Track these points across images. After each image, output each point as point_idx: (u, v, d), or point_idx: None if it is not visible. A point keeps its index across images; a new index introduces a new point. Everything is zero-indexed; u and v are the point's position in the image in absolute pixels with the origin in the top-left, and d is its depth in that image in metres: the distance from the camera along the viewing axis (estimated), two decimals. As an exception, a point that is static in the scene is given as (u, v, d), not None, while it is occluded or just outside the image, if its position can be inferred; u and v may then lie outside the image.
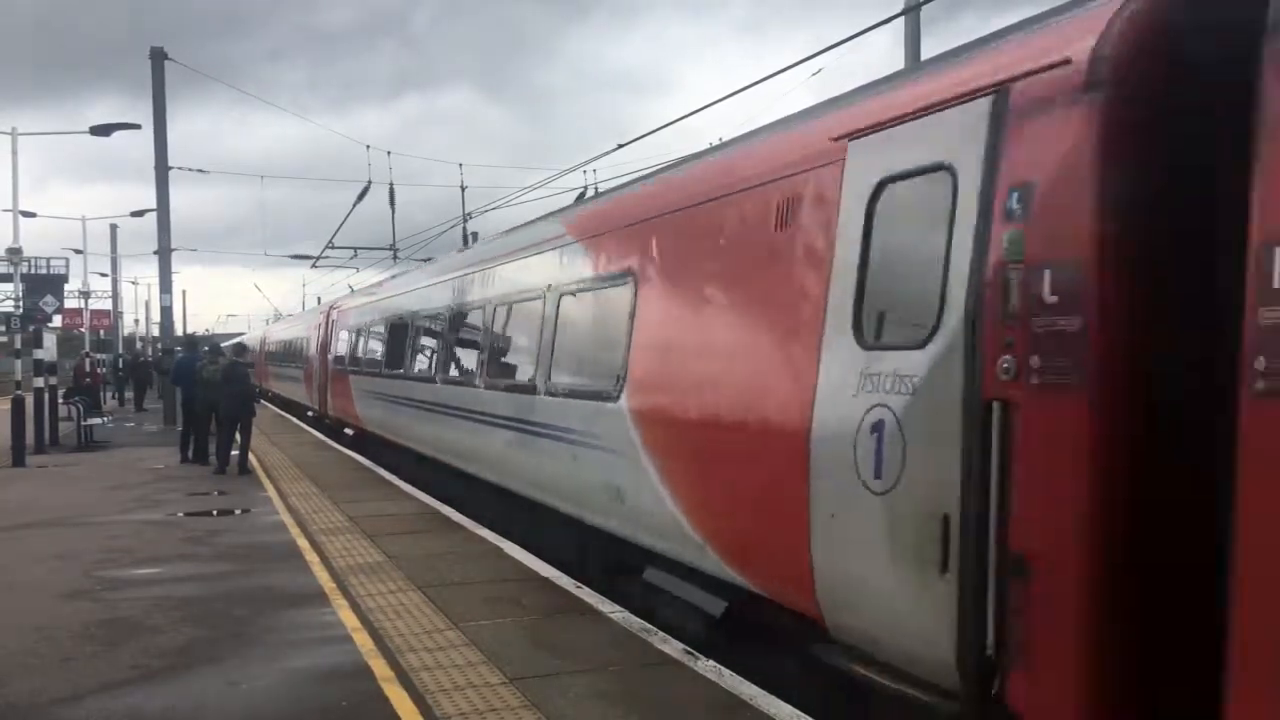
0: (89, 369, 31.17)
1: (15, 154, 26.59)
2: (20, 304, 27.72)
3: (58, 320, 49.43)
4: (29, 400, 19.53)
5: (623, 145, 14.80)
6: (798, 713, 5.33)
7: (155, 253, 27.78)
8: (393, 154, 28.22)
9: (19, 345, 22.96)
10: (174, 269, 27.96)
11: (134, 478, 15.92)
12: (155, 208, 26.85)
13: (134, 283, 73.48)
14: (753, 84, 9.62)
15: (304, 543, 10.19)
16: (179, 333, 35.85)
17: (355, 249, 31.83)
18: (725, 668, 6.05)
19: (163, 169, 25.97)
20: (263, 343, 44.97)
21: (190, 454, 17.79)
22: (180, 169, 28.05)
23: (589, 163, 28.92)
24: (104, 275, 58.30)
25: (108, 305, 60.76)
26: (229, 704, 5.62)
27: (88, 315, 51.74)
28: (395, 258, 30.45)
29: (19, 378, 20.94)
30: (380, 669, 6.12)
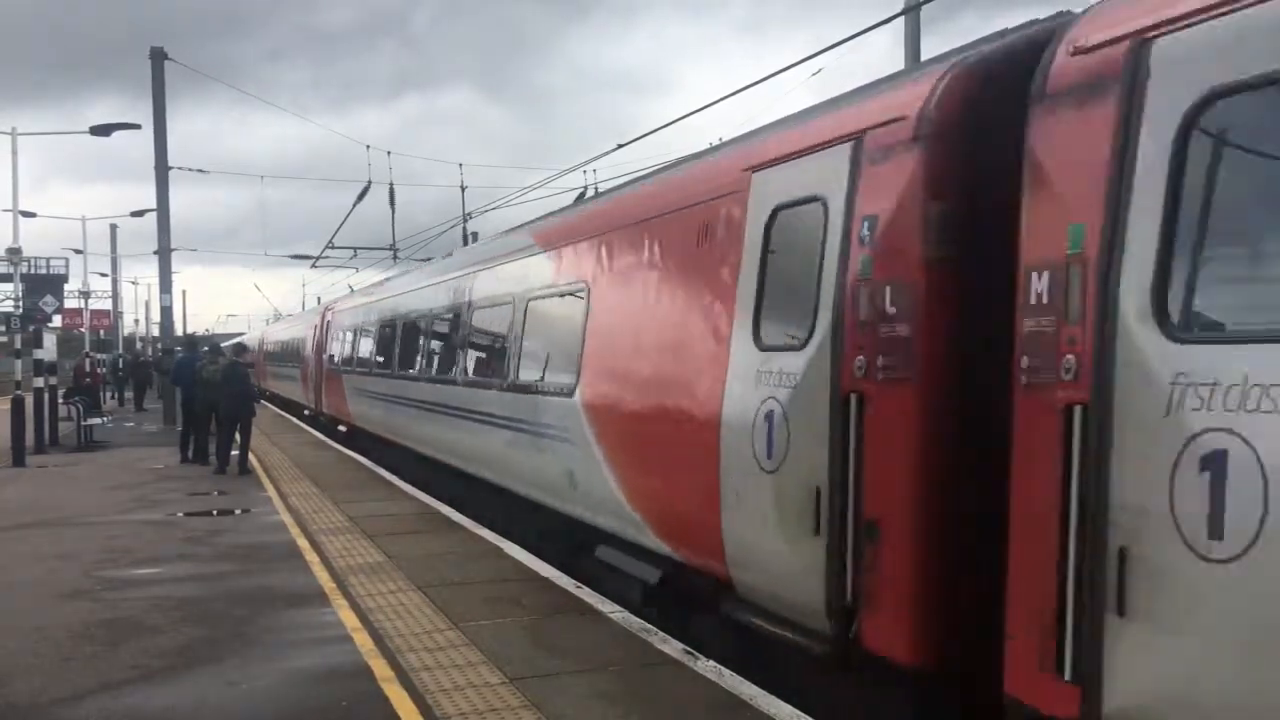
0: (89, 369, 31.18)
1: (15, 154, 26.64)
2: (20, 304, 27.75)
3: (58, 320, 49.46)
4: (29, 400, 19.54)
5: (622, 145, 14.84)
6: (797, 713, 5.34)
7: (155, 253, 27.79)
8: (393, 154, 28.29)
9: (19, 345, 22.96)
10: (174, 269, 27.99)
11: (134, 478, 15.92)
12: (155, 208, 26.87)
13: (134, 283, 73.59)
14: (753, 84, 9.65)
15: (304, 543, 10.20)
16: (179, 333, 35.88)
17: (355, 249, 31.87)
18: (725, 668, 6.06)
19: (163, 169, 25.98)
20: (261, 343, 45.55)
21: (190, 454, 17.80)
22: (180, 169, 28.11)
23: (589, 163, 28.94)
24: (104, 275, 58.40)
25: (108, 305, 60.84)
26: (229, 704, 5.62)
27: (88, 315, 51.75)
28: (395, 258, 30.46)
29: (19, 378, 20.95)
30: (380, 669, 6.12)
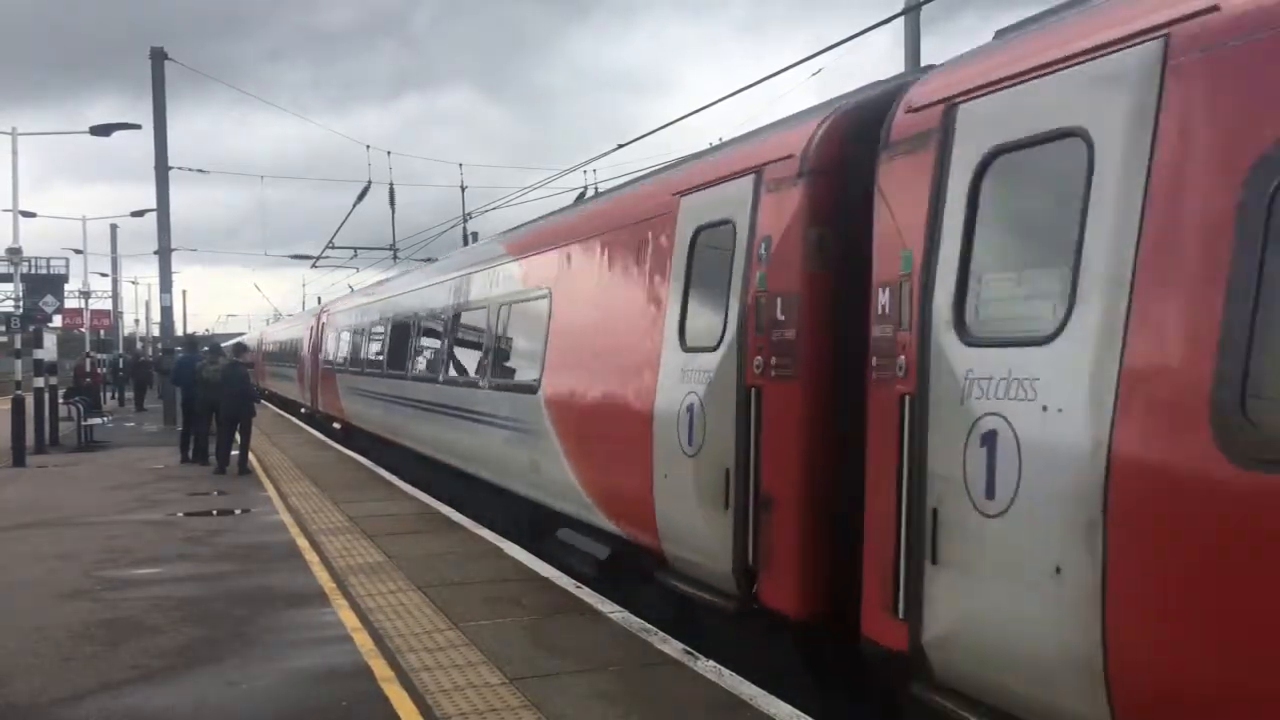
0: (89, 369, 31.18)
1: (15, 154, 26.63)
2: (20, 304, 27.73)
3: (58, 320, 49.45)
4: (29, 400, 19.55)
5: (622, 145, 14.88)
6: (797, 713, 5.34)
7: (155, 253, 27.78)
8: (393, 154, 28.29)
9: (19, 345, 22.95)
10: (174, 269, 27.97)
11: (134, 478, 15.93)
12: (155, 208, 26.86)
13: (134, 283, 73.57)
14: (753, 84, 9.67)
15: (304, 543, 10.20)
16: (179, 333, 35.88)
17: (355, 249, 31.86)
18: (725, 668, 6.07)
19: (163, 169, 25.98)
20: (260, 343, 45.88)
21: (190, 454, 17.80)
22: (180, 169, 28.11)
23: (589, 163, 28.99)
24: (104, 275, 58.36)
25: (108, 305, 60.83)
26: (229, 704, 5.62)
27: (88, 315, 51.74)
28: (395, 258, 30.45)
29: (19, 378, 20.94)
30: (380, 669, 6.12)
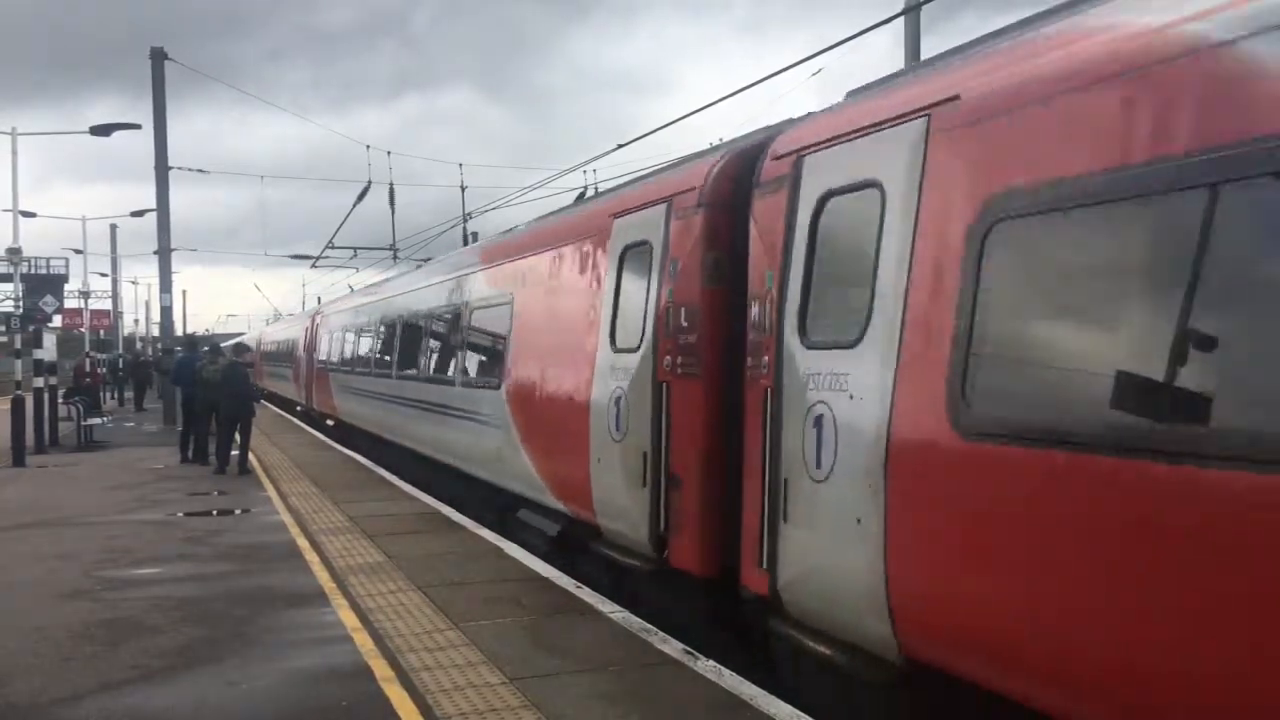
0: (89, 369, 31.17)
1: (15, 154, 26.63)
2: (20, 304, 27.73)
3: (58, 320, 49.46)
4: (29, 400, 19.55)
5: (622, 145, 14.87)
6: (797, 713, 5.34)
7: (155, 253, 27.76)
8: (393, 154, 28.29)
9: (19, 345, 22.94)
10: (174, 269, 27.96)
11: (134, 478, 15.93)
12: (155, 208, 26.85)
13: (134, 283, 73.54)
14: (753, 84, 9.67)
15: (304, 543, 10.20)
16: (179, 333, 35.86)
17: (355, 249, 31.84)
18: (725, 668, 6.07)
19: (163, 169, 25.97)
20: (259, 343, 46.11)
21: (190, 454, 17.79)
22: (180, 169, 28.10)
23: (589, 163, 28.95)
24: (104, 275, 58.34)
25: (108, 305, 60.80)
26: (229, 704, 5.62)
27: (88, 315, 51.69)
28: (395, 258, 30.44)
29: (19, 378, 20.93)
30: (380, 669, 6.12)
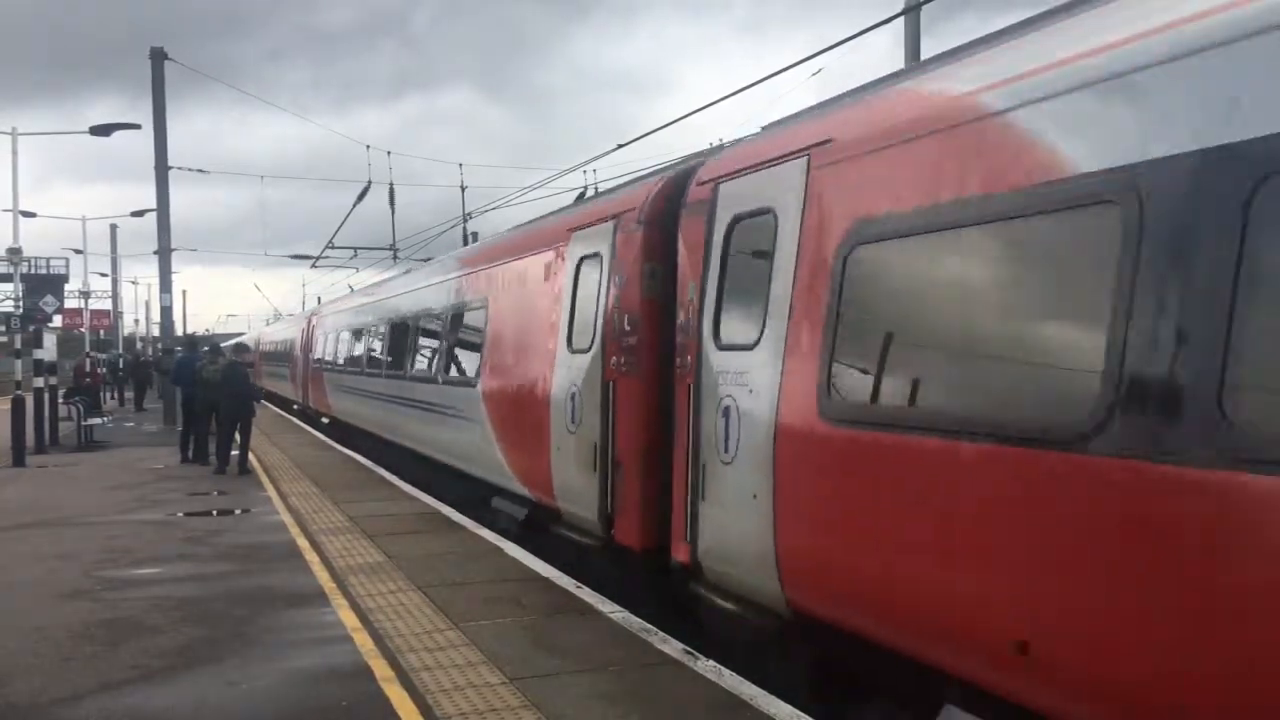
0: (88, 369, 31.16)
1: (15, 154, 26.61)
2: (20, 304, 27.71)
3: (58, 320, 49.42)
4: (29, 400, 19.54)
5: (622, 145, 14.87)
6: (797, 713, 5.33)
7: (155, 253, 27.75)
8: (394, 154, 28.30)
9: (19, 345, 22.93)
10: (174, 269, 27.96)
11: (134, 478, 15.93)
12: (155, 208, 26.85)
13: (134, 283, 73.55)
14: (753, 84, 9.67)
15: (304, 543, 10.20)
16: (179, 333, 35.86)
17: (355, 249, 31.83)
18: (725, 668, 6.06)
19: (163, 169, 25.95)
20: (257, 344, 46.37)
21: (190, 454, 17.79)
22: (180, 169, 28.09)
23: (589, 163, 28.94)
24: (104, 275, 58.33)
25: (108, 305, 60.80)
26: (229, 704, 5.62)
27: (88, 315, 51.67)
28: (395, 258, 30.44)
29: (19, 378, 20.93)
30: (380, 669, 6.13)
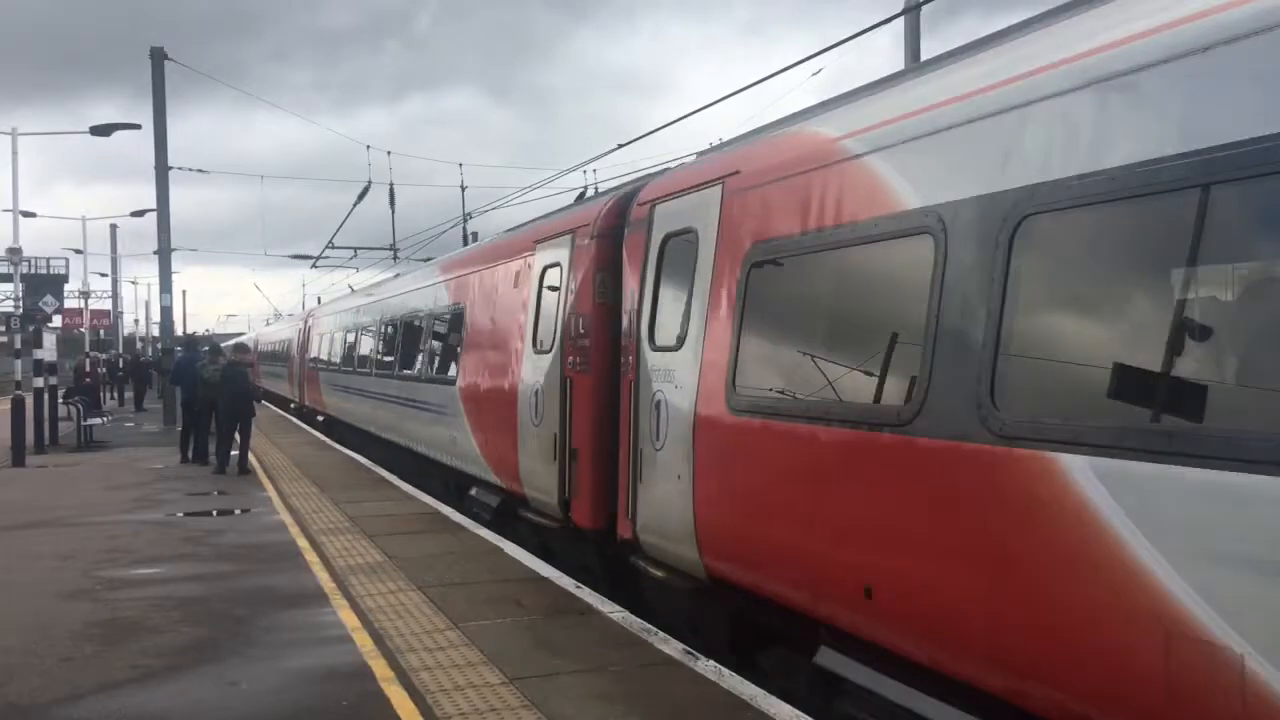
0: (89, 369, 31.17)
1: (15, 154, 26.66)
2: (20, 304, 27.73)
3: (58, 320, 49.46)
4: (29, 400, 19.54)
5: (623, 145, 14.88)
6: (797, 713, 5.33)
7: (155, 253, 27.78)
8: (397, 155, 28.38)
9: (19, 345, 22.95)
10: (174, 269, 27.98)
11: (134, 478, 15.93)
12: (155, 208, 26.85)
13: (134, 283, 73.71)
14: (753, 84, 9.67)
15: (304, 543, 10.20)
16: (179, 333, 35.86)
17: (355, 249, 31.84)
18: (725, 668, 6.06)
19: (163, 169, 25.96)
20: (256, 344, 46.70)
21: (190, 454, 17.79)
22: (180, 169, 28.10)
23: (589, 163, 28.97)
24: (104, 275, 58.40)
25: (108, 305, 60.86)
26: (229, 704, 5.62)
27: (88, 315, 51.70)
28: (395, 258, 30.45)
29: (19, 378, 20.94)
30: (380, 669, 6.12)
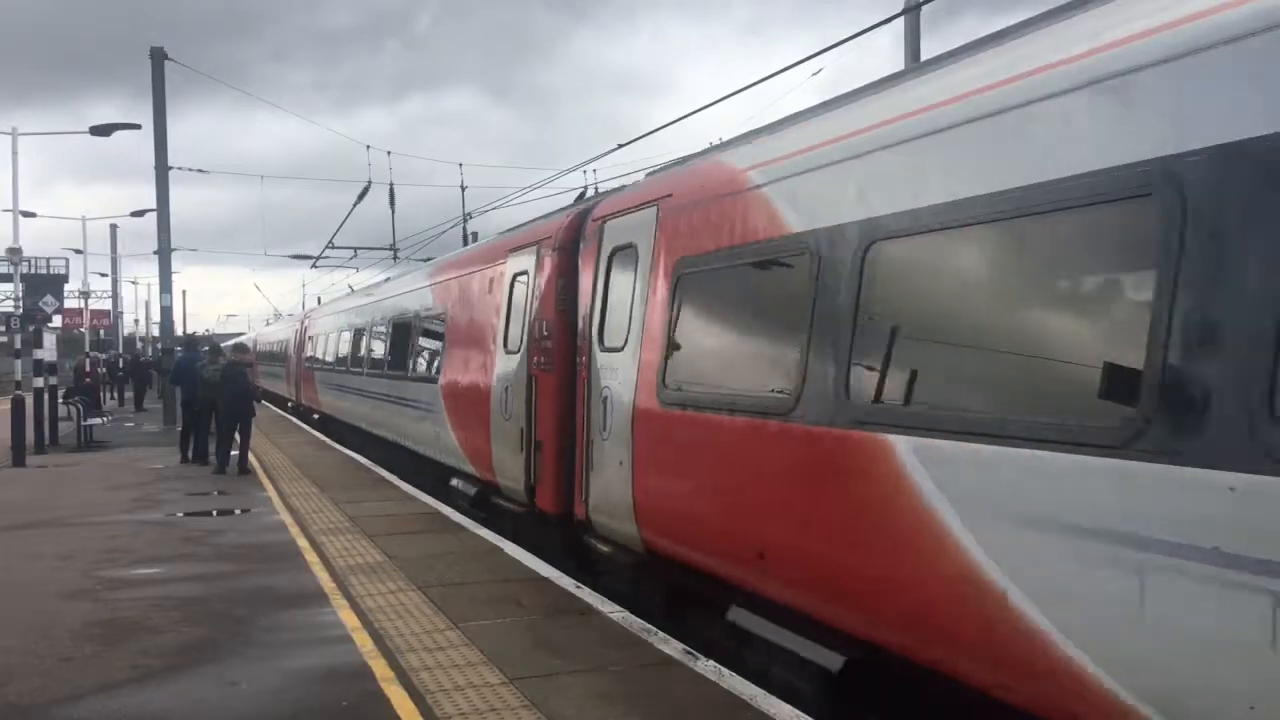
0: (89, 369, 31.17)
1: (15, 154, 26.65)
2: (20, 304, 27.73)
3: (58, 320, 49.45)
4: (29, 400, 19.55)
5: (623, 145, 14.87)
6: (797, 713, 5.33)
7: (155, 253, 27.76)
8: (397, 155, 28.37)
9: (19, 345, 22.94)
10: (174, 269, 27.96)
11: (134, 478, 15.93)
12: (155, 208, 26.85)
13: (134, 283, 73.75)
14: (753, 84, 9.66)
15: (304, 543, 10.20)
16: (179, 333, 35.86)
17: (355, 249, 31.84)
18: (725, 668, 6.06)
19: (163, 169, 25.95)
20: (254, 344, 46.92)
21: (190, 454, 17.78)
22: (180, 169, 28.10)
23: (589, 163, 28.97)
24: (104, 275, 58.39)
25: (108, 305, 60.85)
26: (229, 704, 5.62)
27: (88, 315, 51.70)
28: (395, 258, 30.45)
29: (19, 378, 20.94)
30: (380, 669, 6.13)
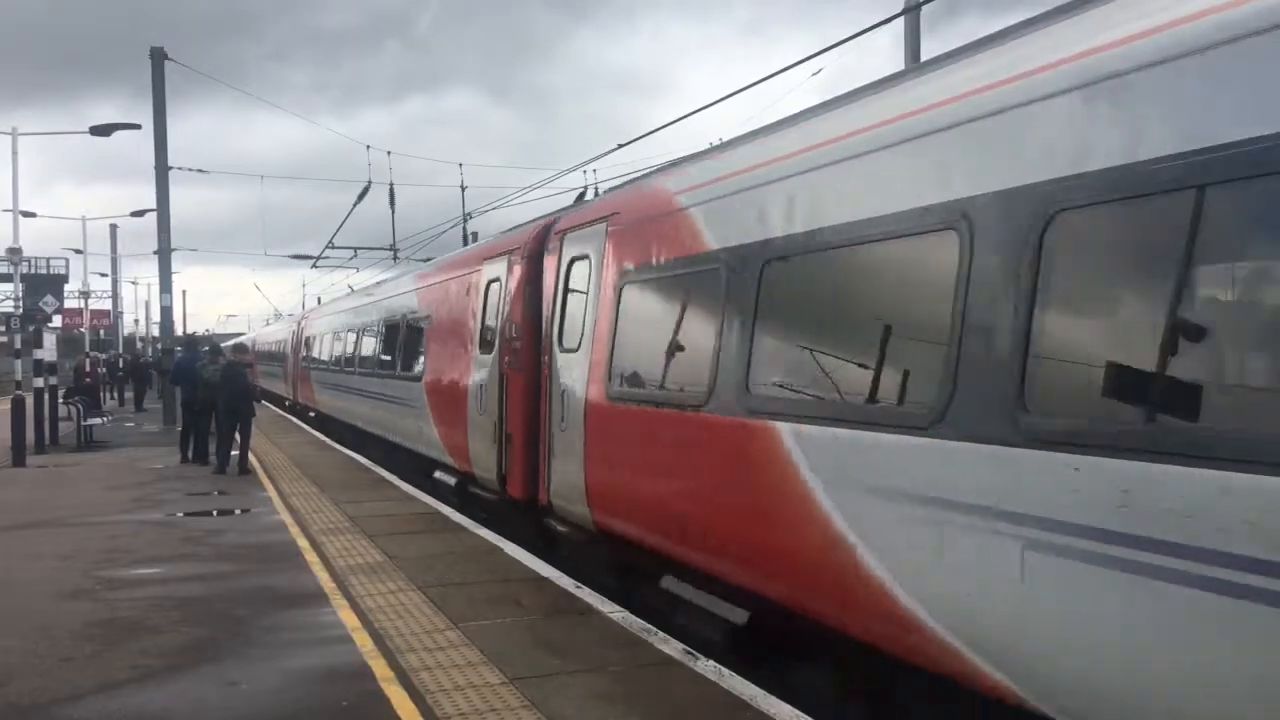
0: (89, 369, 31.17)
1: (15, 154, 26.65)
2: (20, 304, 27.73)
3: (58, 320, 49.45)
4: (29, 400, 19.55)
5: (623, 145, 14.88)
6: (798, 713, 5.33)
7: (155, 253, 27.77)
8: (397, 155, 28.38)
9: (19, 345, 22.95)
10: (174, 269, 27.97)
11: (134, 478, 15.93)
12: (155, 208, 26.85)
13: (134, 283, 73.77)
14: (753, 84, 9.66)
15: (304, 543, 10.20)
16: (179, 333, 35.86)
17: (355, 249, 31.84)
18: (725, 668, 6.06)
19: (163, 169, 25.95)
20: (253, 344, 47.01)
21: (190, 454, 17.78)
22: (180, 169, 28.10)
23: (589, 163, 28.96)
24: (104, 275, 58.40)
25: (108, 305, 60.86)
26: (229, 704, 5.62)
27: (88, 315, 51.72)
28: (395, 258, 30.45)
29: (19, 378, 20.95)
30: (380, 669, 6.13)
